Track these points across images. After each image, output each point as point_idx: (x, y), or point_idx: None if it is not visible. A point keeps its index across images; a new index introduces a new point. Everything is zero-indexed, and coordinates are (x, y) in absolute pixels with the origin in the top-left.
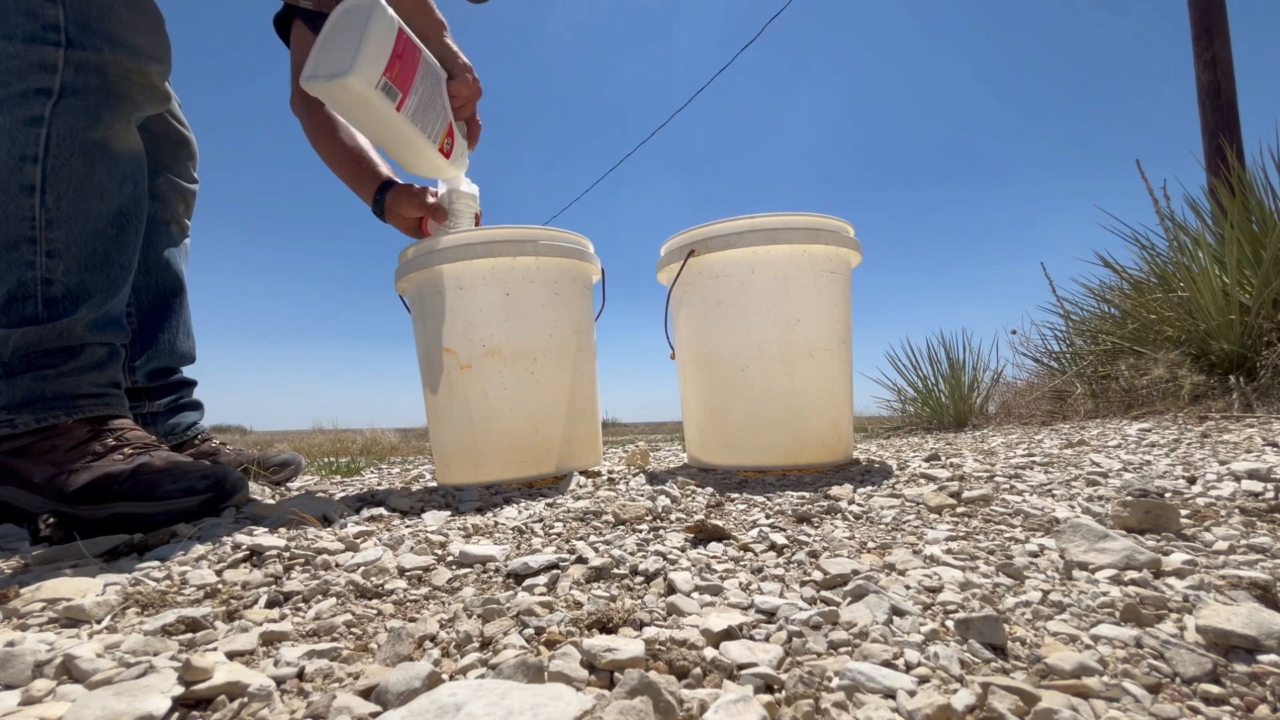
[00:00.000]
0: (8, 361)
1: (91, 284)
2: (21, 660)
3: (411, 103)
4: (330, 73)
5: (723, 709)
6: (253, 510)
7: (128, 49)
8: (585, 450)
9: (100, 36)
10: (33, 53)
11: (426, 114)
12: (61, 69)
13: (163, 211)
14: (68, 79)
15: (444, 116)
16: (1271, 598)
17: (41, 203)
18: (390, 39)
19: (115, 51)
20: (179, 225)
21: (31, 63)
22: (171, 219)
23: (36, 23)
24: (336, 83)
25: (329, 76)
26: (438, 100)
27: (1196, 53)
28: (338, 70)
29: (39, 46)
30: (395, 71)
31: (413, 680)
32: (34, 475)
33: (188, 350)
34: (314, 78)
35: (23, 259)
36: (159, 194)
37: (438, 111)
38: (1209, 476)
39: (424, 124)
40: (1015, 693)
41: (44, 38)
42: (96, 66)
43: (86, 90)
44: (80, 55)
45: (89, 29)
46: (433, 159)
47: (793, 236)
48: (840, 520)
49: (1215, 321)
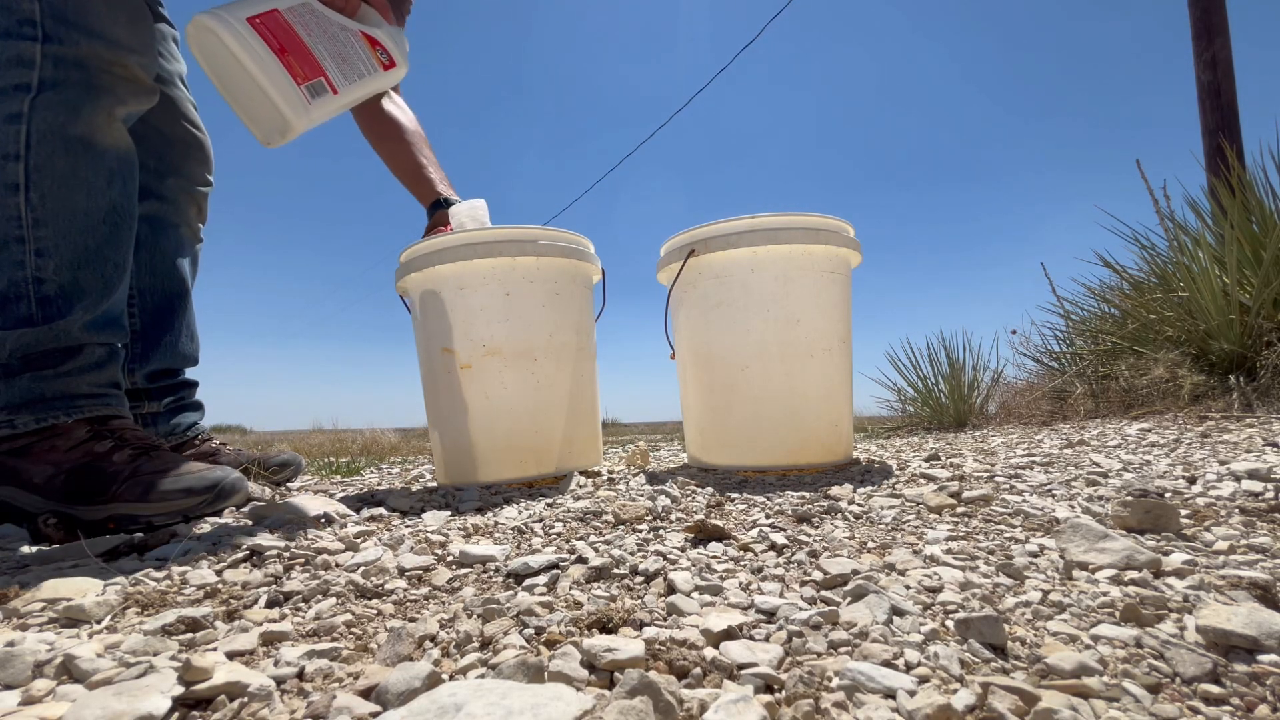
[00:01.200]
0: (6, 363)
1: (85, 282)
2: (21, 660)
3: (333, 70)
4: (275, 130)
5: (723, 709)
6: (253, 510)
7: (106, 41)
8: (585, 450)
9: (78, 29)
10: (8, 48)
11: (348, 61)
12: (39, 64)
13: (172, 214)
14: (46, 74)
15: (356, 41)
16: (1271, 598)
17: (27, 200)
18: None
19: (93, 44)
20: (190, 228)
21: (8, 58)
22: (182, 221)
23: (11, 18)
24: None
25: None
26: (339, 35)
27: (1196, 53)
28: (278, 126)
29: (14, 42)
30: (297, 69)
31: (413, 680)
32: (33, 475)
33: (190, 353)
34: (269, 142)
35: (12, 259)
36: (169, 196)
37: (351, 46)
38: (1209, 476)
39: (357, 69)
40: (1015, 693)
41: (20, 33)
42: (76, 60)
43: (65, 84)
44: (58, 50)
45: (66, 22)
46: (385, 80)
47: (793, 236)
48: (840, 520)
49: (1215, 321)
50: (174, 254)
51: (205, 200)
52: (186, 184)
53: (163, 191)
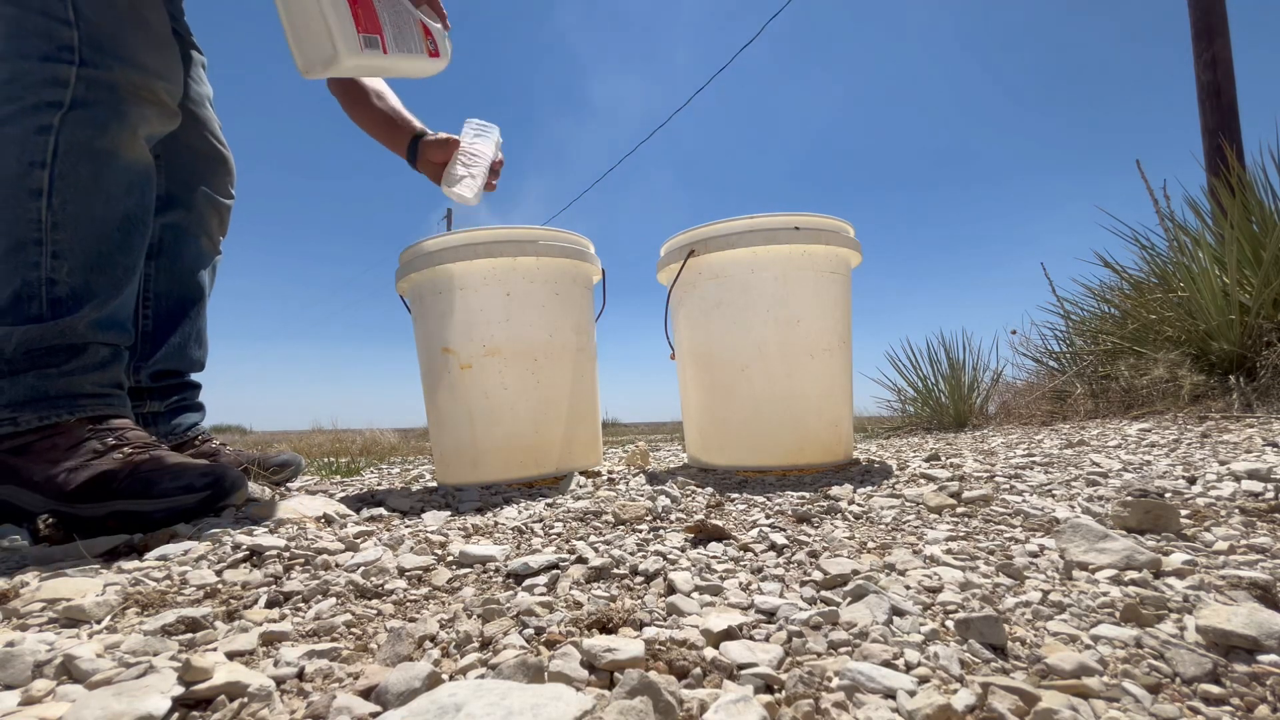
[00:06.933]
0: (11, 359)
1: (95, 285)
2: (21, 660)
3: (389, 34)
4: (320, 59)
5: (723, 709)
6: (253, 510)
7: (138, 67)
8: (585, 450)
9: (111, 56)
10: (47, 70)
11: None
12: (73, 84)
13: (195, 224)
14: (79, 93)
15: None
16: (1271, 598)
17: (48, 205)
18: None
19: (125, 69)
20: (210, 240)
21: (45, 78)
22: (203, 233)
23: (52, 44)
24: (332, 67)
25: (322, 64)
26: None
27: (1196, 53)
28: (324, 56)
29: (52, 65)
30: (361, 18)
31: (413, 680)
32: (34, 474)
33: (198, 358)
34: (309, 70)
35: (28, 260)
36: (194, 206)
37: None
38: (1209, 476)
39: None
40: (1015, 693)
41: (58, 57)
42: (108, 83)
43: (95, 103)
44: (91, 73)
45: (101, 49)
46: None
47: (793, 236)
48: (840, 520)
49: (1215, 321)
50: (193, 262)
51: (227, 213)
52: (210, 196)
53: (188, 202)
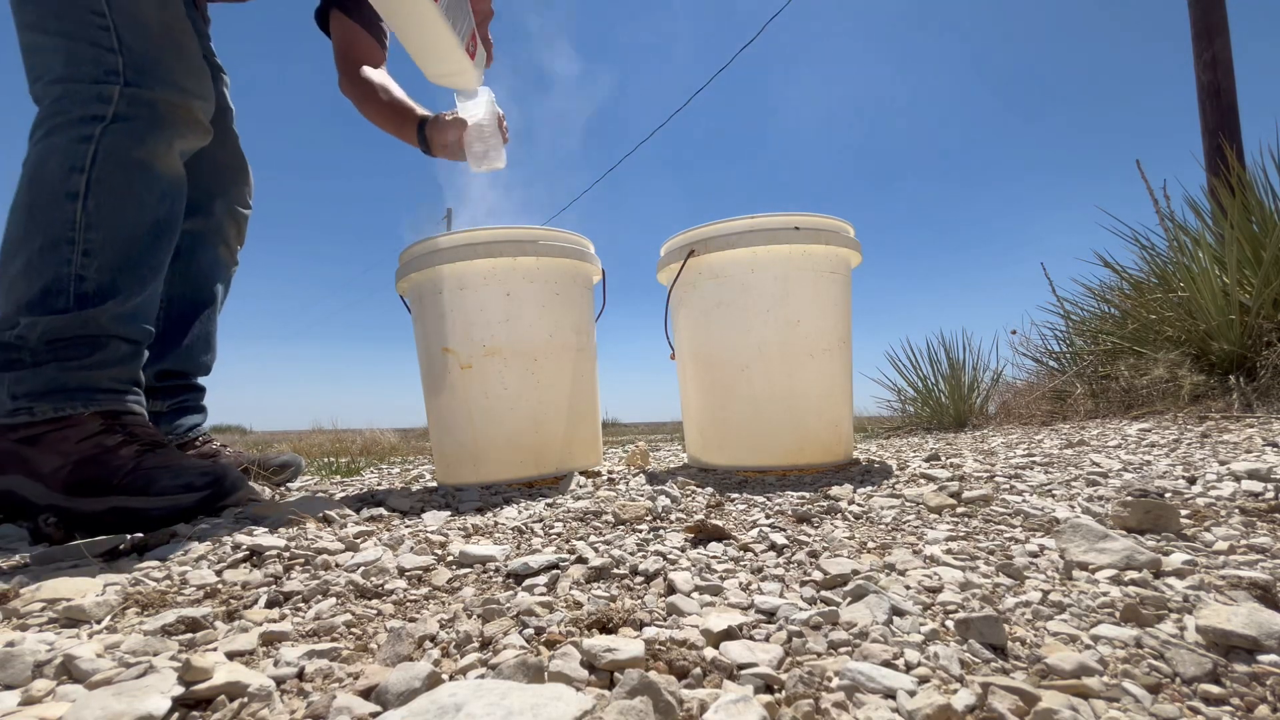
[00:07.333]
0: (35, 349)
1: (121, 282)
2: (21, 660)
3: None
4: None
5: (723, 709)
6: (253, 510)
7: (177, 88)
8: (585, 450)
9: (153, 77)
10: (94, 89)
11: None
12: (116, 101)
13: (213, 232)
14: (120, 109)
15: (469, 22)
16: (1271, 598)
17: (83, 207)
18: None
19: (166, 90)
20: (228, 248)
21: (91, 96)
22: (221, 241)
23: (100, 68)
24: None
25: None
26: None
27: (1196, 53)
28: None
29: (98, 85)
30: None
31: (413, 680)
32: (41, 465)
33: (205, 362)
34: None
35: (60, 257)
36: (213, 214)
37: (464, 15)
38: (1209, 476)
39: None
40: (1015, 693)
41: (105, 79)
42: (148, 101)
43: (135, 118)
44: (134, 91)
45: (144, 72)
46: (459, 58)
47: (792, 236)
48: (840, 520)
49: (1215, 321)
50: (208, 268)
51: (245, 223)
52: (230, 205)
53: (208, 210)
